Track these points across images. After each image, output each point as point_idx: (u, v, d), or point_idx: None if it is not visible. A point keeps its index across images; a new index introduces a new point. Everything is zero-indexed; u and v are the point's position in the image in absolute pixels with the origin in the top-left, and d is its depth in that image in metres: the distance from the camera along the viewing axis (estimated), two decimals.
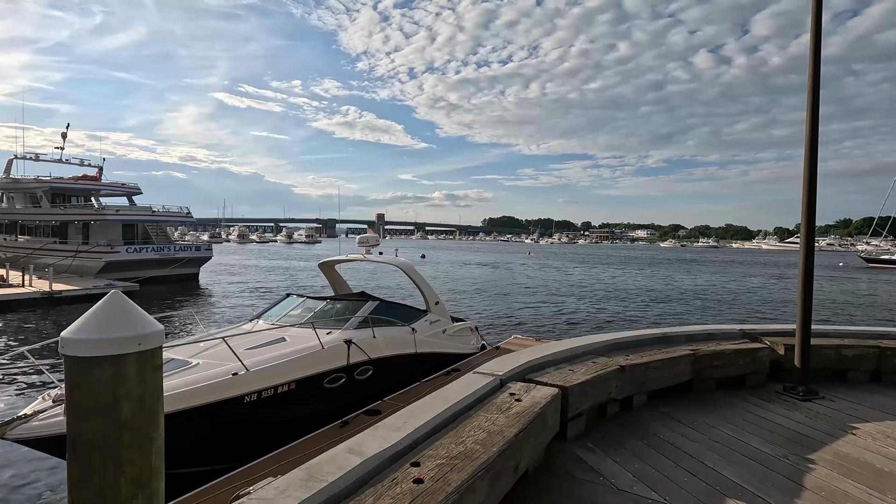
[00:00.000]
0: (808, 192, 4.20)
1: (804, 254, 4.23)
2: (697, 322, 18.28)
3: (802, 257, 4.26)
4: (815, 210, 4.20)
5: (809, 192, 4.18)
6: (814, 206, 4.18)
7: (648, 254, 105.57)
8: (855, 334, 4.96)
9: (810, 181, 4.19)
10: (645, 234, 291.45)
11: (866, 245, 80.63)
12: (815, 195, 4.19)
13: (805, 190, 4.18)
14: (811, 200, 4.21)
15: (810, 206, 4.20)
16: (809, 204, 4.20)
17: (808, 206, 4.22)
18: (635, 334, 4.55)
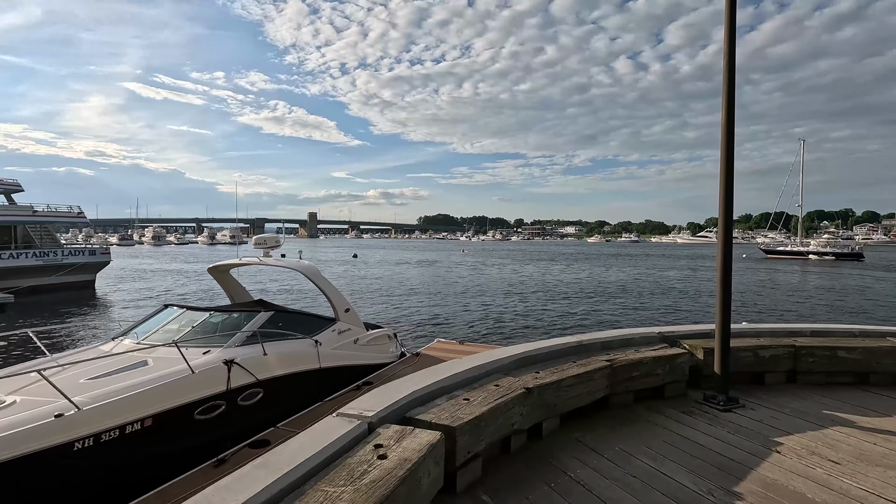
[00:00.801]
0: (724, 197, 3.87)
1: (722, 259, 3.86)
2: (619, 320, 18.50)
3: (720, 263, 3.89)
4: (731, 215, 3.87)
5: (726, 196, 3.85)
6: (730, 210, 3.85)
7: (577, 249, 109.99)
8: (770, 332, 4.74)
9: (727, 187, 3.85)
10: (573, 231, 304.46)
11: (765, 238, 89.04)
12: (732, 200, 3.87)
13: (722, 194, 3.85)
14: (728, 205, 3.87)
15: (727, 211, 3.86)
16: (726, 209, 3.86)
17: (724, 211, 3.87)
18: (547, 345, 4.01)
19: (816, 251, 65.31)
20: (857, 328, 4.76)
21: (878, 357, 4.31)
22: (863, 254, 65.73)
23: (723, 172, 3.82)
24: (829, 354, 4.34)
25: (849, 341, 4.47)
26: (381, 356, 8.61)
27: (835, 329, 4.78)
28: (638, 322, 18.04)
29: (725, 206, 3.83)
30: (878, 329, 4.73)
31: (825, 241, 70.31)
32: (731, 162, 3.80)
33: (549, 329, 16.06)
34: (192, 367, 4.97)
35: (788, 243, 74.27)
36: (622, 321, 18.09)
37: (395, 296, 24.89)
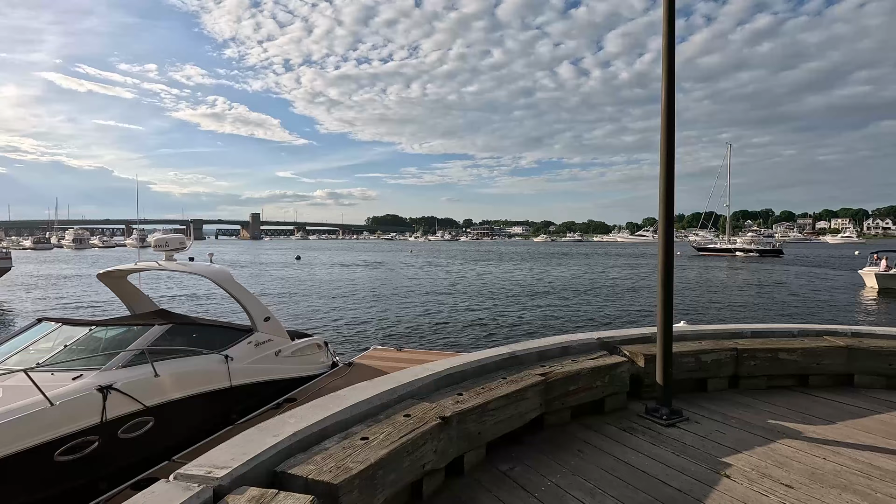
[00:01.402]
0: (664, 201, 3.52)
1: (663, 264, 3.49)
2: (561, 320, 18.41)
3: (661, 268, 3.52)
4: (671, 219, 3.53)
5: (667, 201, 3.49)
6: (671, 215, 3.51)
7: (524, 249, 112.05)
8: (712, 334, 4.47)
9: (667, 192, 3.50)
10: (521, 231, 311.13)
11: (696, 236, 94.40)
12: (672, 205, 3.52)
13: (662, 199, 3.49)
14: (668, 210, 3.52)
15: (668, 215, 3.51)
16: (667, 213, 3.51)
17: (665, 214, 3.51)
18: (476, 359, 3.50)
19: (742, 248, 69.86)
20: (795, 327, 4.60)
21: (818, 358, 4.13)
22: (782, 250, 71.09)
23: (662, 179, 3.46)
24: (771, 357, 4.11)
25: (789, 342, 4.27)
26: (308, 368, 7.84)
27: (774, 329, 4.60)
28: (581, 321, 18.06)
29: (666, 210, 3.47)
30: (815, 328, 4.59)
31: (750, 239, 75.44)
32: (672, 169, 3.45)
33: (491, 332, 15.67)
34: (49, 398, 4.06)
35: (718, 241, 79.04)
36: (564, 322, 17.95)
37: (335, 300, 23.83)
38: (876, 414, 3.58)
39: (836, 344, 4.17)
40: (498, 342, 13.89)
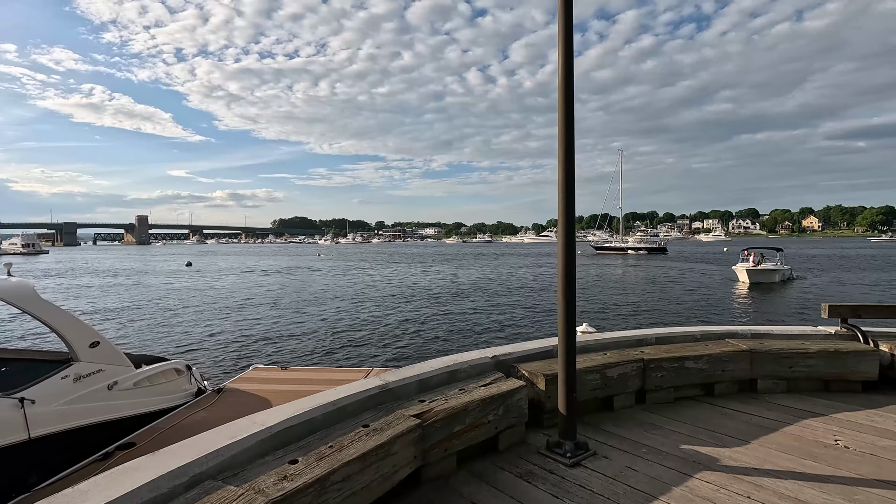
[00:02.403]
0: (564, 205, 2.88)
1: (564, 276, 2.87)
2: (464, 328, 17.04)
3: (562, 277, 2.90)
4: (573, 221, 2.90)
5: (567, 204, 2.85)
6: (572, 213, 2.88)
7: (435, 250, 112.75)
8: (616, 343, 4.00)
9: (567, 193, 2.87)
10: (433, 232, 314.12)
11: (594, 236, 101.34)
12: (573, 206, 2.89)
13: (562, 205, 2.85)
14: (569, 210, 2.90)
15: (568, 216, 2.88)
16: (567, 213, 2.88)
17: (565, 214, 2.89)
18: (330, 399, 2.62)
19: (634, 247, 75.97)
20: (697, 330, 4.30)
21: (723, 364, 3.80)
22: (666, 248, 78.45)
23: (562, 184, 2.85)
24: (678, 367, 3.71)
25: (694, 348, 3.92)
26: (160, 400, 6.42)
27: (678, 333, 4.26)
28: (487, 326, 17.41)
29: (567, 210, 2.86)
30: (717, 330, 4.32)
31: (639, 238, 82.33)
32: (572, 173, 2.87)
33: (392, 343, 14.53)
34: None
35: (613, 240, 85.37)
36: (469, 328, 17.08)
37: (222, 311, 21.43)
38: (785, 426, 3.26)
39: (740, 348, 3.88)
40: (398, 354, 13.04)
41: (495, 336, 15.33)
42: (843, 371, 3.81)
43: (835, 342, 3.98)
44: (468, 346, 13.62)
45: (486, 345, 13.55)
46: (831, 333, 4.21)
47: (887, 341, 3.91)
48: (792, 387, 3.92)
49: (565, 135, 2.86)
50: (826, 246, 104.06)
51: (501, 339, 14.71)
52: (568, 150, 2.85)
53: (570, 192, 2.84)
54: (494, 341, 14.38)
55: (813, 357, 3.83)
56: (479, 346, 13.38)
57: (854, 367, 3.80)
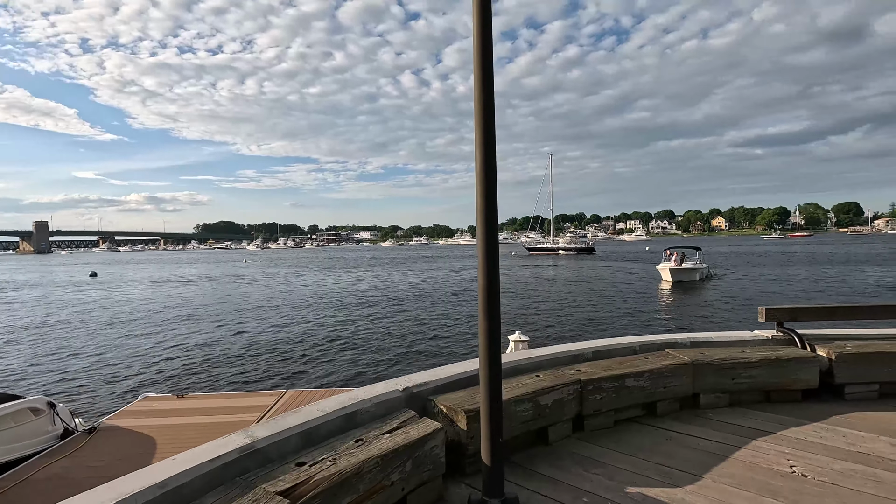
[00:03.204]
0: (485, 206, 2.24)
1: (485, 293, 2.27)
2: (391, 341, 15.59)
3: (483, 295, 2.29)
4: (495, 224, 2.28)
5: (487, 205, 2.22)
6: (494, 220, 2.27)
7: (372, 254, 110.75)
8: (550, 361, 3.49)
9: (487, 194, 2.25)
10: (369, 236, 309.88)
11: (527, 237, 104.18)
12: (496, 208, 2.28)
13: (481, 204, 2.22)
14: (490, 212, 2.27)
15: (489, 219, 2.25)
16: (488, 214, 2.24)
17: (485, 214, 2.25)
18: (163, 478, 1.84)
19: (564, 247, 78.80)
20: (636, 341, 3.90)
21: (665, 380, 3.41)
22: (594, 248, 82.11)
23: (481, 185, 2.25)
24: (618, 386, 3.25)
25: (634, 363, 3.49)
26: (9, 449, 5.18)
27: (615, 346, 3.83)
28: (417, 338, 16.29)
29: (487, 211, 2.26)
30: (655, 339, 3.95)
31: (570, 239, 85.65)
32: (493, 174, 2.29)
33: (309, 361, 13.36)
34: None
35: (545, 241, 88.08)
36: (396, 340, 15.72)
37: (117, 330, 19.10)
38: (736, 451, 2.88)
39: (682, 360, 3.50)
40: (322, 372, 12.04)
41: (426, 347, 14.57)
42: (784, 380, 3.55)
43: (775, 349, 3.73)
44: (393, 362, 12.87)
45: (414, 358, 12.84)
46: (769, 338, 3.97)
47: (824, 345, 3.71)
48: (734, 399, 3.60)
49: (484, 138, 2.28)
50: (732, 244, 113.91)
51: (432, 350, 13.96)
52: (488, 152, 2.27)
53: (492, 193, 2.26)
54: (424, 353, 13.59)
55: (755, 367, 3.54)
56: (408, 359, 12.67)
57: (795, 375, 3.55)
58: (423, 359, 12.58)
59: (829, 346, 3.69)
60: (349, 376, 11.30)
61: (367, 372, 11.77)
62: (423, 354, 13.19)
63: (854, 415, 3.33)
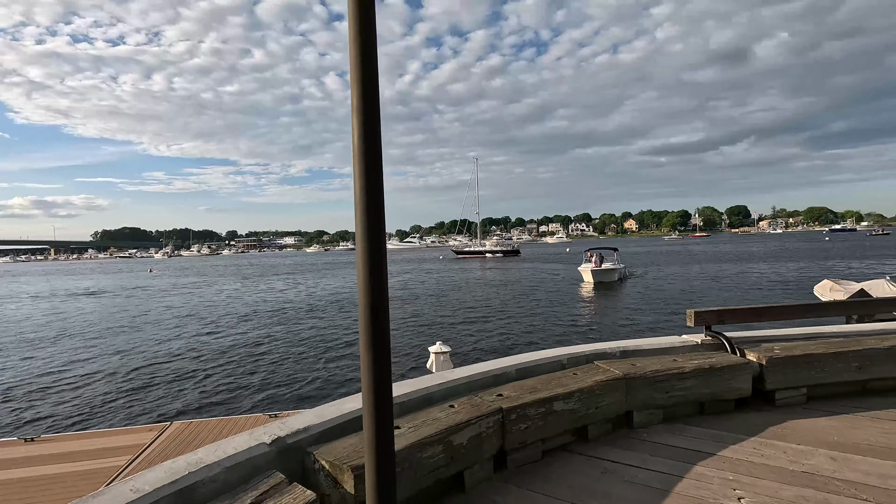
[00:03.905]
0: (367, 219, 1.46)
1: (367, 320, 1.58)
2: (291, 367, 12.97)
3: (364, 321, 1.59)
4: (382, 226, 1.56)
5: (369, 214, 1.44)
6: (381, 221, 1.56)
7: (294, 261, 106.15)
8: (467, 385, 2.96)
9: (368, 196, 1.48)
10: (293, 241, 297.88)
11: (455, 241, 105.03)
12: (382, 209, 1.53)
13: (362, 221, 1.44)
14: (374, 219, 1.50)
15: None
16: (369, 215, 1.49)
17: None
18: None
19: (491, 250, 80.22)
20: (563, 354, 3.47)
21: (596, 399, 2.99)
22: (519, 250, 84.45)
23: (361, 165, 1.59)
24: (545, 411, 2.77)
25: (562, 381, 3.04)
26: None
27: (542, 360, 3.37)
28: (331, 358, 14.01)
29: (369, 204, 1.60)
30: (584, 351, 3.55)
31: (496, 242, 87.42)
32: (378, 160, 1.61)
33: (207, 382, 11.77)
34: None
35: (472, 245, 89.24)
36: (300, 363, 13.35)
37: None
38: (678, 482, 2.50)
39: (614, 375, 3.11)
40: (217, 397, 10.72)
41: (333, 369, 12.83)
42: (718, 390, 3.28)
43: (707, 356, 3.46)
44: (295, 385, 11.77)
45: (319, 381, 11.77)
46: (698, 343, 3.72)
47: (753, 349, 3.50)
48: (668, 414, 3.27)
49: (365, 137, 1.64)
50: (641, 244, 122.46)
51: (337, 375, 12.35)
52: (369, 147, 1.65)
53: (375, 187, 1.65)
54: (331, 378, 12.04)
55: (689, 378, 3.23)
56: (310, 383, 11.58)
57: (729, 384, 3.29)
58: (327, 384, 11.44)
59: (758, 351, 3.47)
60: (257, 401, 10.12)
61: (276, 395, 10.66)
62: (328, 379, 12.01)
63: (788, 424, 3.10)
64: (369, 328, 1.49)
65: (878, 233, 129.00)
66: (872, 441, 2.81)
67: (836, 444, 2.78)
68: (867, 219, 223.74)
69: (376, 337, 1.48)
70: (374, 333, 1.49)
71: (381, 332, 1.47)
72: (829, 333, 3.93)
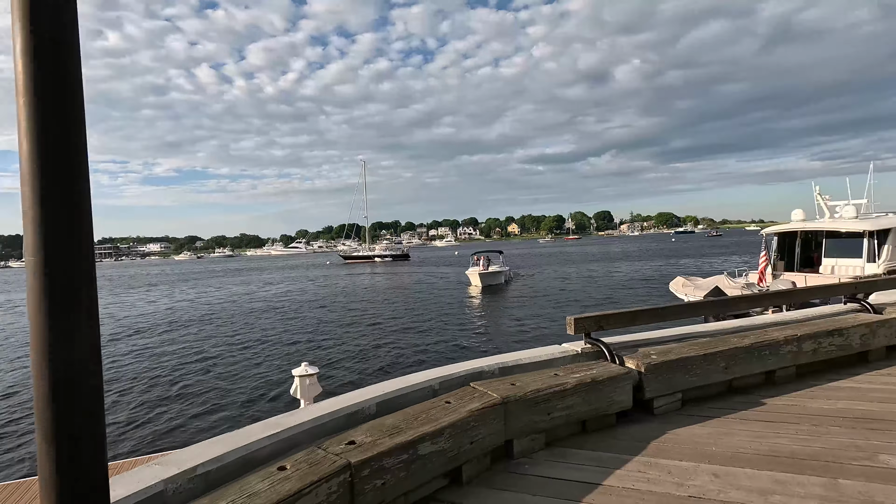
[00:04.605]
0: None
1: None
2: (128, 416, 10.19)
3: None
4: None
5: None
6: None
7: (158, 269, 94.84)
8: (312, 431, 2.32)
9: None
10: (159, 248, 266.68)
11: (344, 245, 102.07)
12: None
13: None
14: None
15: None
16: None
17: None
18: None
19: (380, 254, 79.17)
20: (434, 378, 2.96)
21: (471, 433, 2.51)
22: (409, 254, 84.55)
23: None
24: (409, 458, 2.22)
25: (431, 414, 2.52)
26: None
27: (408, 388, 2.82)
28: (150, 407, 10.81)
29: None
30: (459, 372, 3.08)
31: (385, 246, 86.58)
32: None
33: None
34: None
35: (361, 249, 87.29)
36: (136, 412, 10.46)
37: None
38: None
39: (491, 400, 2.66)
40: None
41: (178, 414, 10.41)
42: (601, 406, 3.01)
43: (589, 367, 3.20)
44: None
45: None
46: (578, 352, 3.47)
47: (631, 356, 3.32)
48: (550, 437, 2.92)
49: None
50: (522, 247, 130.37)
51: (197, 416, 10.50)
52: None
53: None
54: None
55: (571, 395, 2.92)
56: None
57: (611, 397, 3.05)
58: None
59: (637, 358, 3.29)
60: None
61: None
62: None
63: (668, 436, 2.92)
64: (50, 409, 0.85)
65: (714, 234, 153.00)
66: (746, 448, 2.70)
67: (716, 455, 2.63)
68: (702, 223, 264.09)
69: (67, 422, 0.86)
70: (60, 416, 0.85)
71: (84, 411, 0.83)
72: (696, 333, 3.95)
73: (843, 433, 2.82)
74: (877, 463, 2.46)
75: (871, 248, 14.30)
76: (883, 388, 3.53)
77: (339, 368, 13.29)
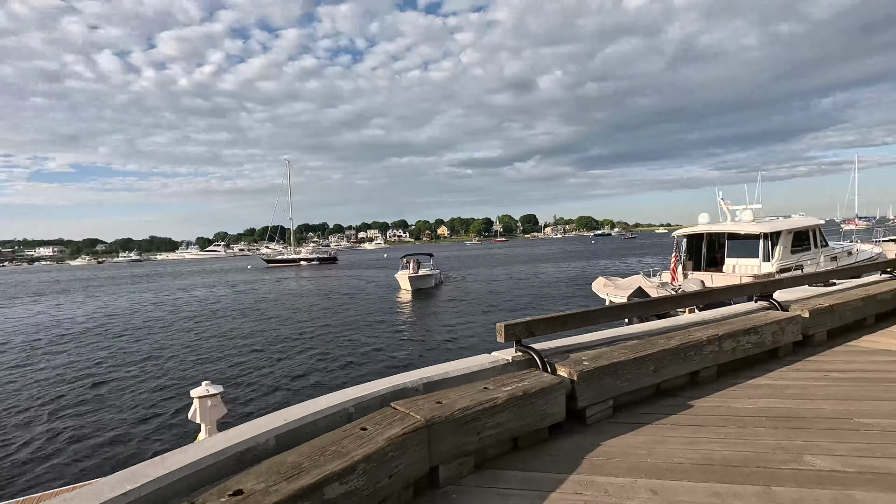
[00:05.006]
0: None
1: None
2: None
3: None
4: None
5: None
6: None
7: (50, 276, 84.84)
8: (189, 481, 1.84)
9: None
10: (51, 252, 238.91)
11: (266, 248, 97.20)
12: None
13: None
14: None
15: None
16: None
17: None
18: None
19: (306, 258, 76.22)
20: (349, 400, 2.57)
21: (389, 465, 2.18)
22: (337, 257, 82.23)
23: None
24: None
25: (342, 447, 2.14)
26: None
27: (316, 415, 2.41)
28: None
29: None
30: (379, 391, 2.71)
31: (312, 249, 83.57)
32: None
33: None
34: None
35: (286, 252, 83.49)
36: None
37: None
38: None
39: (414, 423, 2.34)
40: None
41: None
42: (533, 420, 2.79)
43: (520, 378, 2.97)
44: None
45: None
46: (509, 361, 3.24)
47: (563, 363, 3.15)
48: (480, 459, 2.64)
49: None
50: (451, 250, 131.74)
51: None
52: None
53: None
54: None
55: (502, 410, 2.66)
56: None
57: (544, 410, 2.84)
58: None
59: (569, 365, 3.11)
60: None
61: None
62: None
63: (601, 449, 2.75)
64: None
65: (629, 237, 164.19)
66: (681, 457, 2.59)
67: (652, 468, 2.49)
68: (618, 226, 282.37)
69: None
70: None
71: None
72: (624, 336, 3.88)
73: (767, 434, 2.80)
74: (803, 465, 2.43)
75: (766, 248, 15.72)
76: (795, 384, 3.64)
77: (250, 387, 12.03)
